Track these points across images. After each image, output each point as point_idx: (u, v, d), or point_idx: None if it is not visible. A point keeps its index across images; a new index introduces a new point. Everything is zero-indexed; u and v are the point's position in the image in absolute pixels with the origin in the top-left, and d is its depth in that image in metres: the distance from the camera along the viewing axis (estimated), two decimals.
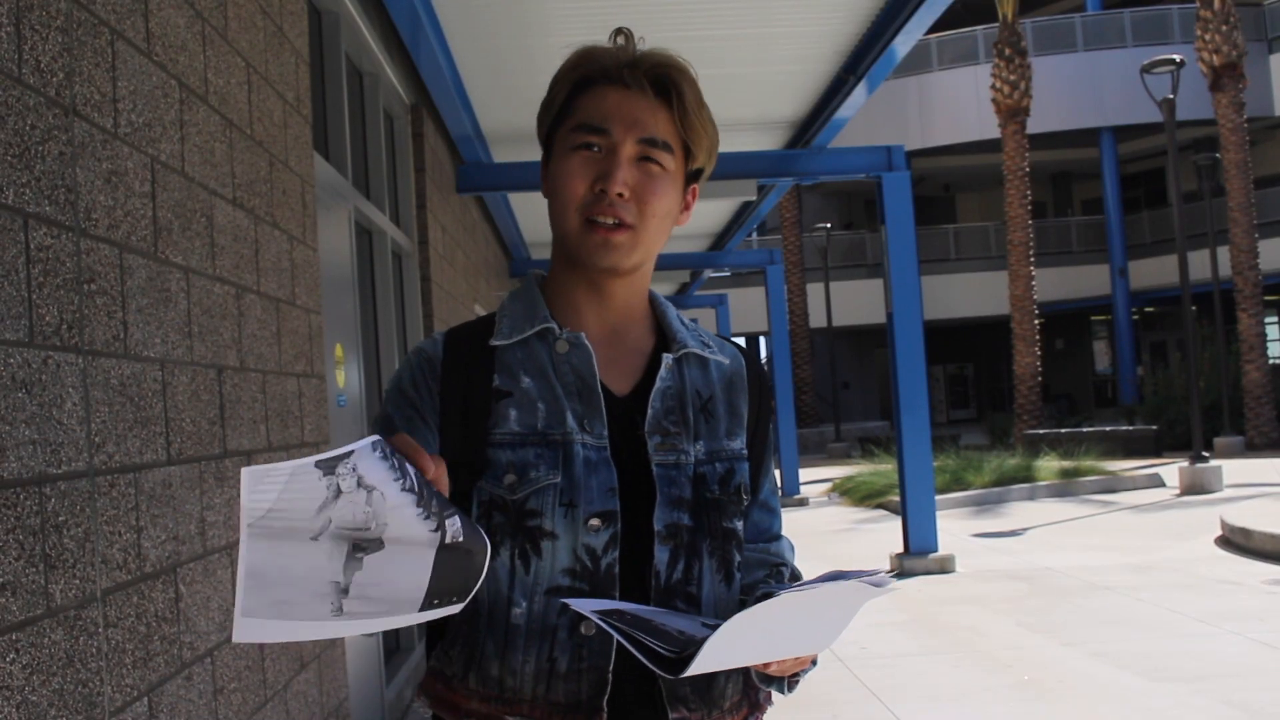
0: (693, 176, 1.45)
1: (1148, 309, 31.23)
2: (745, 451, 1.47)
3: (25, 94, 1.74)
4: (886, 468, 14.90)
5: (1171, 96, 13.93)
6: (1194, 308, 16.20)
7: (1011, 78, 21.76)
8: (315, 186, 3.74)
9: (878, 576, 1.18)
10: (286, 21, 3.45)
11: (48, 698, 1.69)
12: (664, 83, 1.38)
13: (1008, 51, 21.74)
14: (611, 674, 1.33)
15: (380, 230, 5.49)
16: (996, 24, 22.54)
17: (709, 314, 23.12)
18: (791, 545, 1.59)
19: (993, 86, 22.13)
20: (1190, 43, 22.91)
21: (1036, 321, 21.67)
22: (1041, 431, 19.74)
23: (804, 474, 16.94)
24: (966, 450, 17.89)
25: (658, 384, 1.42)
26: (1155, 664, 5.67)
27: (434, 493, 1.09)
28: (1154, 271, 27.56)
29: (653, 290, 1.52)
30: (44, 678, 1.69)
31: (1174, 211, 14.22)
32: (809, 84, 7.57)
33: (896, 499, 12.36)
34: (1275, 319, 29.09)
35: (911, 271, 8.64)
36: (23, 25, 1.75)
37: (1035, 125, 23.64)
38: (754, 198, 10.08)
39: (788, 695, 1.42)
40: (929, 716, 5.04)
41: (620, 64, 1.39)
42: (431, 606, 1.08)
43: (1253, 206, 20.61)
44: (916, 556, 8.81)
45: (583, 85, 1.41)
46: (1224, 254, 21.59)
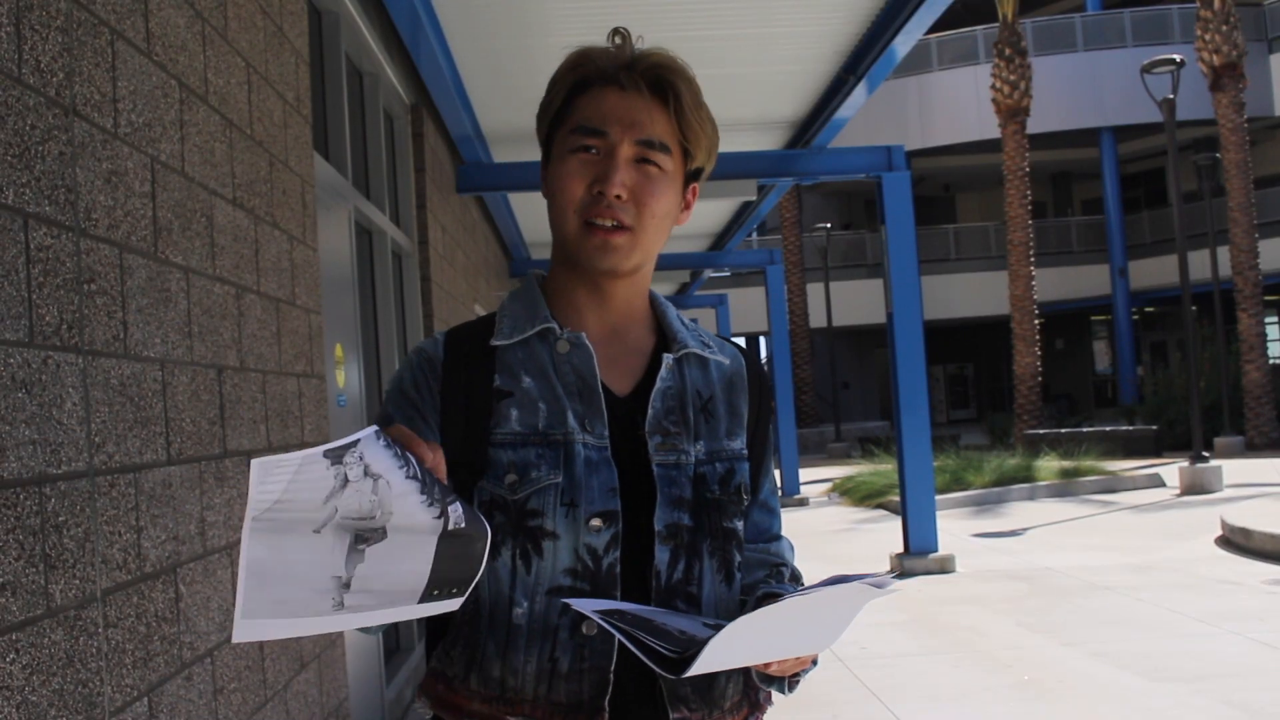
0: (692, 176, 1.45)
1: (1148, 309, 31.24)
2: (745, 451, 1.47)
3: (25, 94, 1.74)
4: (886, 468, 14.89)
5: (1171, 96, 13.93)
6: (1194, 308, 16.19)
7: (1011, 78, 21.76)
8: (315, 186, 3.74)
9: (879, 578, 1.18)
10: (286, 21, 3.45)
11: (48, 698, 1.69)
12: (661, 83, 1.38)
13: (1008, 51, 21.74)
14: (613, 674, 1.33)
15: (380, 230, 5.49)
16: (996, 24, 22.54)
17: (709, 314, 23.12)
18: (791, 545, 1.59)
19: (993, 86, 22.13)
20: (1190, 43, 22.91)
21: (1036, 321, 21.67)
22: (1041, 431, 19.74)
23: (804, 474, 16.94)
24: (966, 450, 17.88)
25: (658, 384, 1.42)
26: (1155, 664, 5.67)
27: (435, 480, 1.09)
28: (1154, 271, 27.57)
29: (653, 290, 1.52)
30: (44, 678, 1.68)
31: (1174, 211, 14.22)
32: (809, 84, 7.57)
33: (896, 499, 12.36)
34: (1275, 319, 29.09)
35: (911, 271, 8.64)
36: (23, 25, 1.75)
37: (1035, 125, 23.64)
38: (754, 198, 10.08)
39: (788, 695, 1.42)
40: (929, 716, 5.04)
41: (617, 65, 1.39)
42: (432, 598, 1.08)
43: (1253, 206, 20.61)
44: (916, 556, 8.81)
45: (580, 87, 1.41)
46: (1224, 254, 21.59)
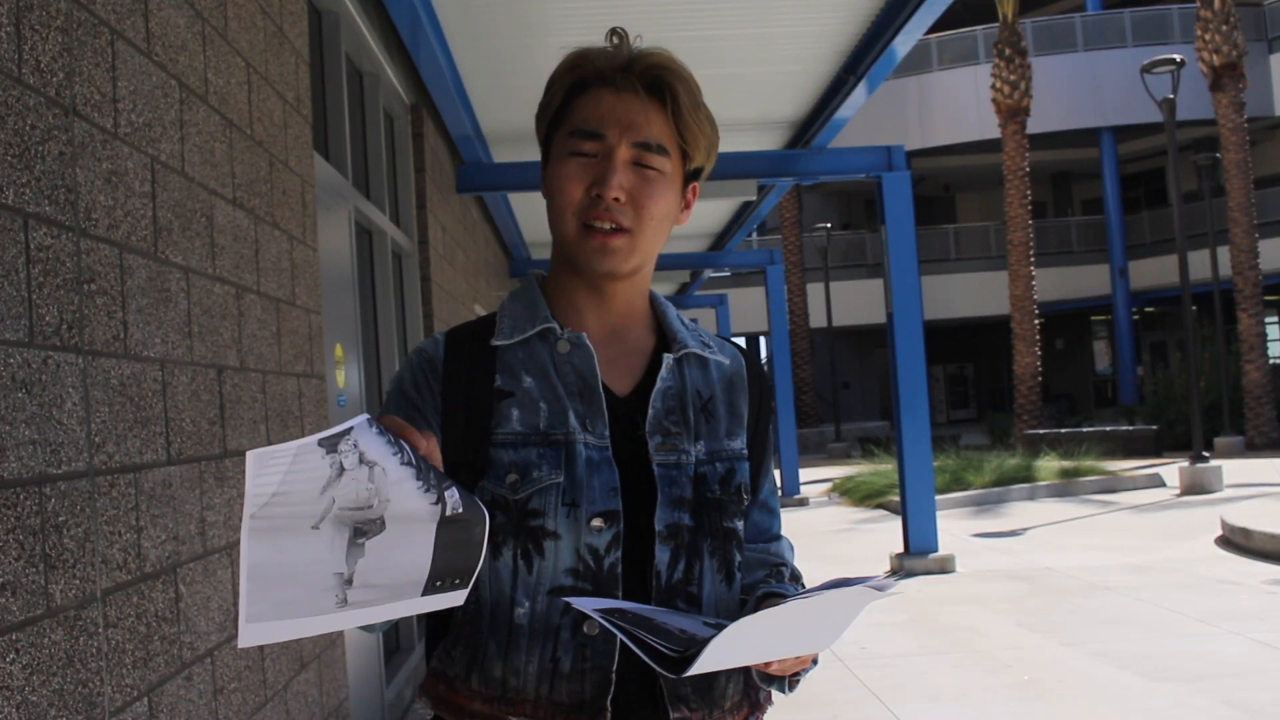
0: (692, 175, 1.45)
1: (1148, 309, 31.25)
2: (745, 451, 1.47)
3: (25, 94, 1.74)
4: (886, 468, 14.89)
5: (1171, 96, 13.93)
6: (1194, 308, 16.19)
7: (1011, 78, 21.76)
8: (315, 186, 3.74)
9: (881, 581, 1.18)
10: (286, 21, 3.45)
11: (48, 698, 1.69)
12: (658, 84, 1.38)
13: (1008, 51, 21.74)
14: (615, 674, 1.33)
15: (380, 230, 5.49)
16: (996, 24, 22.54)
17: (709, 314, 23.12)
18: (791, 545, 1.59)
19: (993, 86, 22.13)
20: (1190, 43, 22.91)
21: (1036, 321, 21.67)
22: (1041, 431, 19.74)
23: (804, 474, 16.93)
24: (966, 450, 17.88)
25: (658, 384, 1.42)
26: (1155, 664, 5.67)
27: (430, 466, 1.09)
28: (1154, 271, 27.57)
29: (653, 290, 1.52)
30: (44, 678, 1.68)
31: (1174, 211, 14.22)
32: (809, 84, 7.57)
33: (896, 499, 12.35)
34: (1275, 319, 29.09)
35: (911, 271, 8.64)
36: (23, 25, 1.75)
37: (1035, 125, 23.64)
38: (754, 198, 10.09)
39: (789, 694, 1.42)
40: (929, 716, 5.04)
41: (615, 67, 1.39)
42: (435, 590, 1.08)
43: (1253, 206, 20.61)
44: (916, 556, 8.81)
45: (578, 88, 1.41)
46: (1224, 254, 21.59)
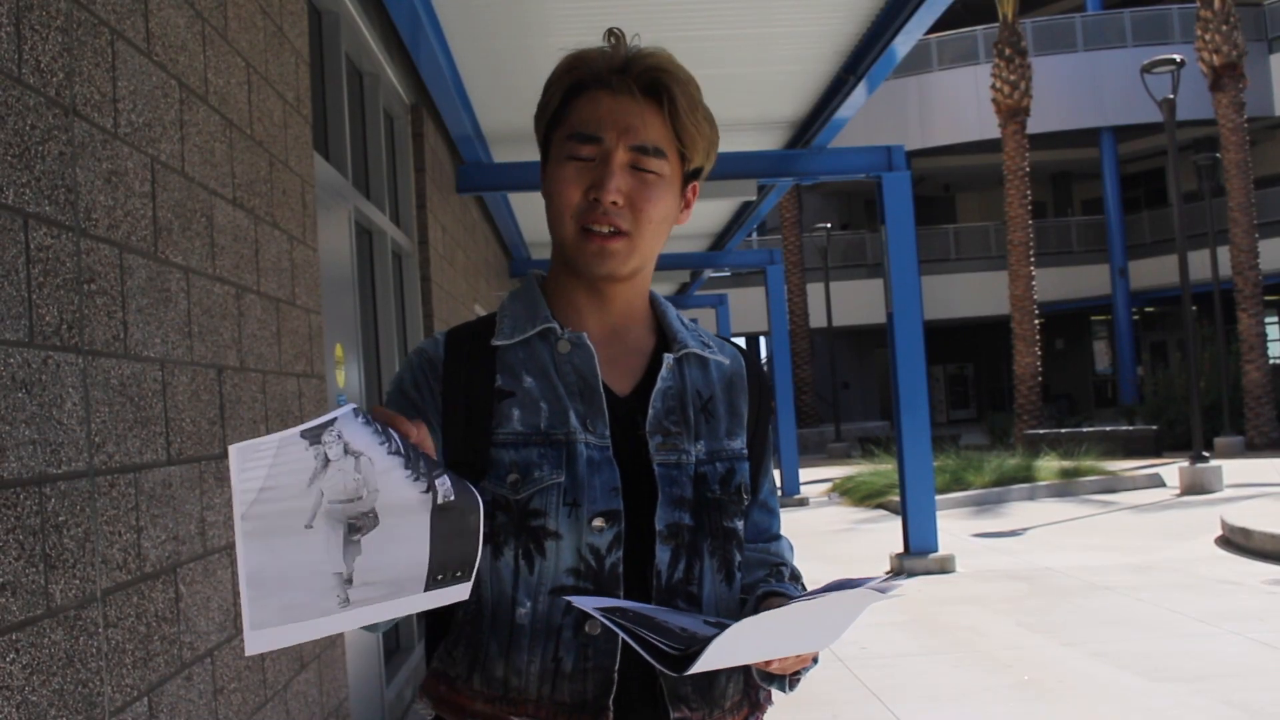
0: (692, 175, 1.45)
1: (1148, 309, 31.25)
2: (745, 451, 1.47)
3: (25, 94, 1.74)
4: (886, 468, 14.89)
5: (1171, 96, 13.93)
6: (1194, 308, 16.19)
7: (1011, 78, 21.76)
8: (315, 186, 3.74)
9: (883, 583, 1.18)
10: (286, 21, 3.45)
11: (48, 698, 1.69)
12: (655, 87, 1.38)
13: (1008, 51, 21.74)
14: (617, 673, 1.33)
15: (380, 230, 5.49)
16: (996, 24, 22.54)
17: (709, 314, 23.12)
18: (790, 545, 1.59)
19: (993, 86, 22.13)
20: (1190, 43, 22.91)
21: (1036, 321, 21.67)
22: (1041, 431, 19.74)
23: (804, 474, 16.93)
24: (966, 450, 17.88)
25: (659, 384, 1.42)
26: (1155, 664, 5.67)
27: (420, 454, 1.08)
28: (1154, 271, 27.57)
29: (653, 290, 1.52)
30: (44, 678, 1.68)
31: (1174, 211, 14.22)
32: (809, 84, 7.57)
33: (896, 499, 12.35)
34: (1275, 319, 29.09)
35: (911, 271, 8.64)
36: (23, 25, 1.75)
37: (1035, 125, 23.64)
38: (754, 198, 10.09)
39: (789, 693, 1.42)
40: (929, 716, 5.04)
41: (611, 69, 1.38)
42: (437, 584, 1.07)
43: (1253, 206, 20.61)
44: (916, 556, 8.81)
45: (575, 90, 1.40)
46: (1224, 254, 21.59)
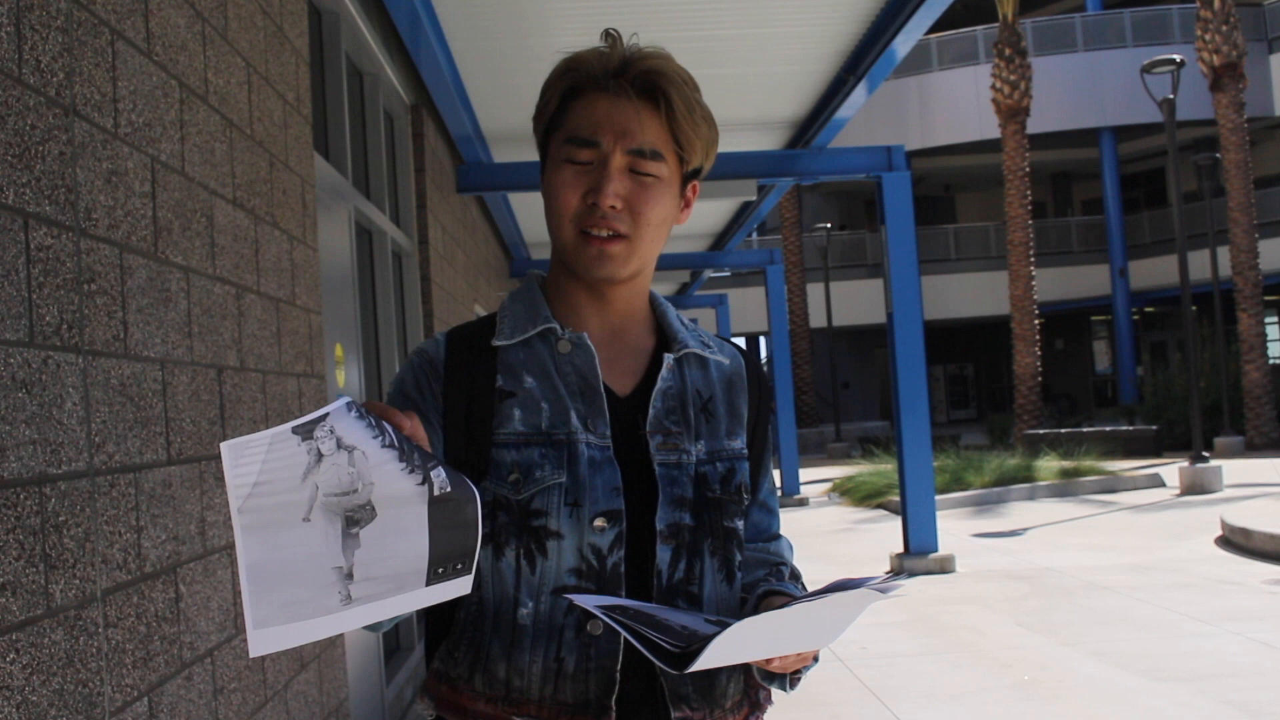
0: (691, 175, 1.45)
1: (1148, 309, 31.24)
2: (745, 451, 1.47)
3: (25, 94, 1.74)
4: (886, 468, 14.89)
5: (1171, 96, 13.93)
6: (1194, 308, 16.19)
7: (1011, 78, 21.77)
8: (315, 186, 3.74)
9: (885, 583, 1.18)
10: (286, 21, 3.45)
11: (48, 698, 1.69)
12: (652, 89, 1.37)
13: (1008, 51, 21.75)
14: (619, 673, 1.33)
15: (380, 230, 5.49)
16: (996, 24, 22.55)
17: (709, 314, 23.12)
18: (790, 544, 1.59)
19: (993, 86, 22.13)
20: (1190, 43, 22.91)
21: (1036, 321, 21.67)
22: (1041, 431, 19.73)
23: (804, 474, 16.93)
24: (966, 450, 17.89)
25: (659, 384, 1.42)
26: (1155, 664, 5.67)
27: (414, 446, 1.08)
28: (1154, 271, 27.57)
29: (653, 290, 1.52)
30: (44, 678, 1.68)
31: (1174, 211, 14.22)
32: (809, 84, 7.57)
33: (896, 499, 12.36)
34: (1275, 319, 29.09)
35: (911, 271, 8.64)
36: (23, 25, 1.75)
37: (1035, 125, 23.64)
38: (754, 198, 10.08)
39: (790, 693, 1.42)
40: (928, 716, 5.04)
41: (607, 72, 1.38)
42: (438, 578, 1.07)
43: (1253, 206, 20.61)
44: (916, 556, 8.81)
45: (572, 93, 1.40)
46: (1224, 254, 21.59)
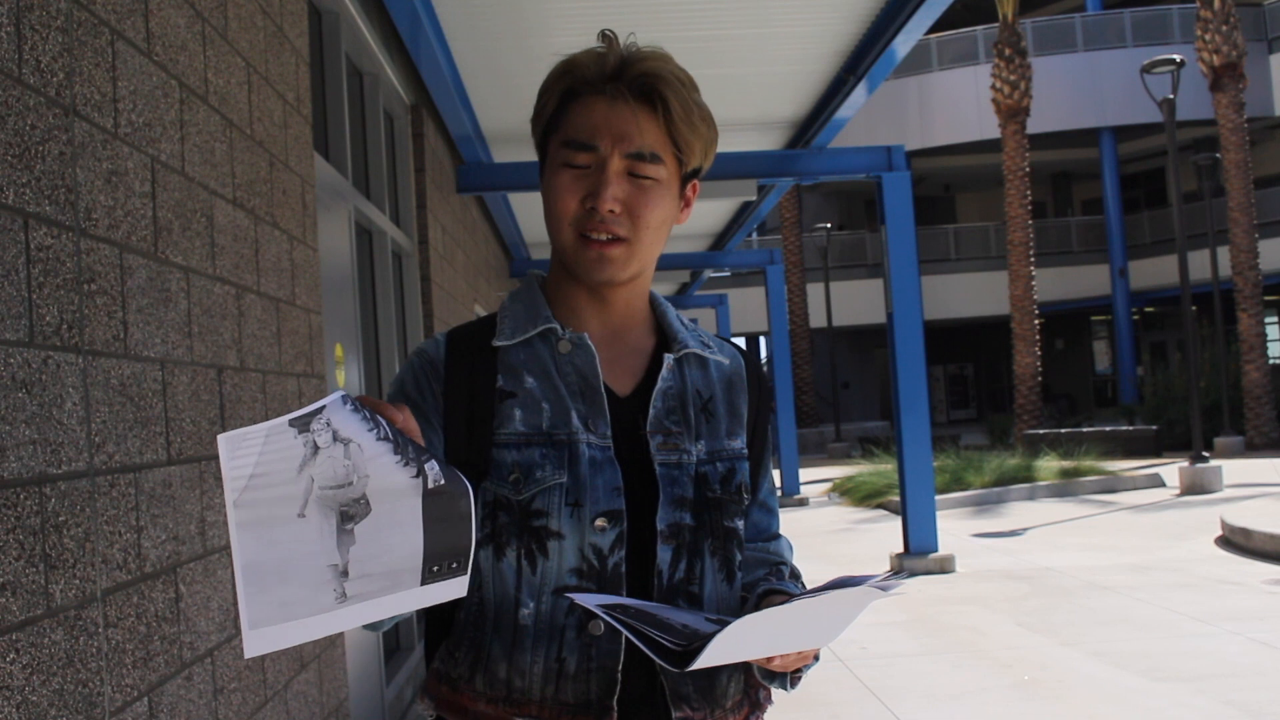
0: (691, 174, 1.45)
1: (1148, 309, 31.24)
2: (745, 451, 1.47)
3: (25, 94, 1.74)
4: (886, 468, 14.89)
5: (1171, 96, 13.93)
6: (1194, 308, 16.19)
7: (1011, 78, 21.77)
8: (315, 186, 3.74)
9: (885, 580, 1.18)
10: (286, 21, 3.45)
11: (48, 698, 1.69)
12: (649, 92, 1.37)
13: (1008, 51, 21.75)
14: (620, 673, 1.33)
15: (380, 230, 5.49)
16: (996, 24, 22.55)
17: (709, 314, 23.12)
18: (790, 544, 1.59)
19: (993, 86, 22.14)
20: (1190, 43, 22.91)
21: (1036, 321, 21.67)
22: (1041, 431, 19.74)
23: (804, 474, 16.93)
24: (966, 450, 17.89)
25: (659, 384, 1.42)
26: (1155, 664, 5.67)
27: (407, 440, 1.08)
28: (1154, 271, 27.57)
29: (653, 291, 1.52)
30: (44, 678, 1.68)
31: (1174, 211, 14.22)
32: (809, 84, 7.57)
33: (896, 499, 12.36)
34: (1275, 319, 29.09)
35: (911, 271, 8.64)
36: (23, 25, 1.75)
37: (1035, 125, 23.64)
38: (754, 198, 10.08)
39: (791, 691, 1.42)
40: (928, 716, 5.04)
41: (604, 75, 1.38)
42: (433, 576, 1.07)
43: (1253, 206, 20.61)
44: (916, 556, 8.81)
45: (570, 96, 1.40)
46: (1224, 254, 21.59)
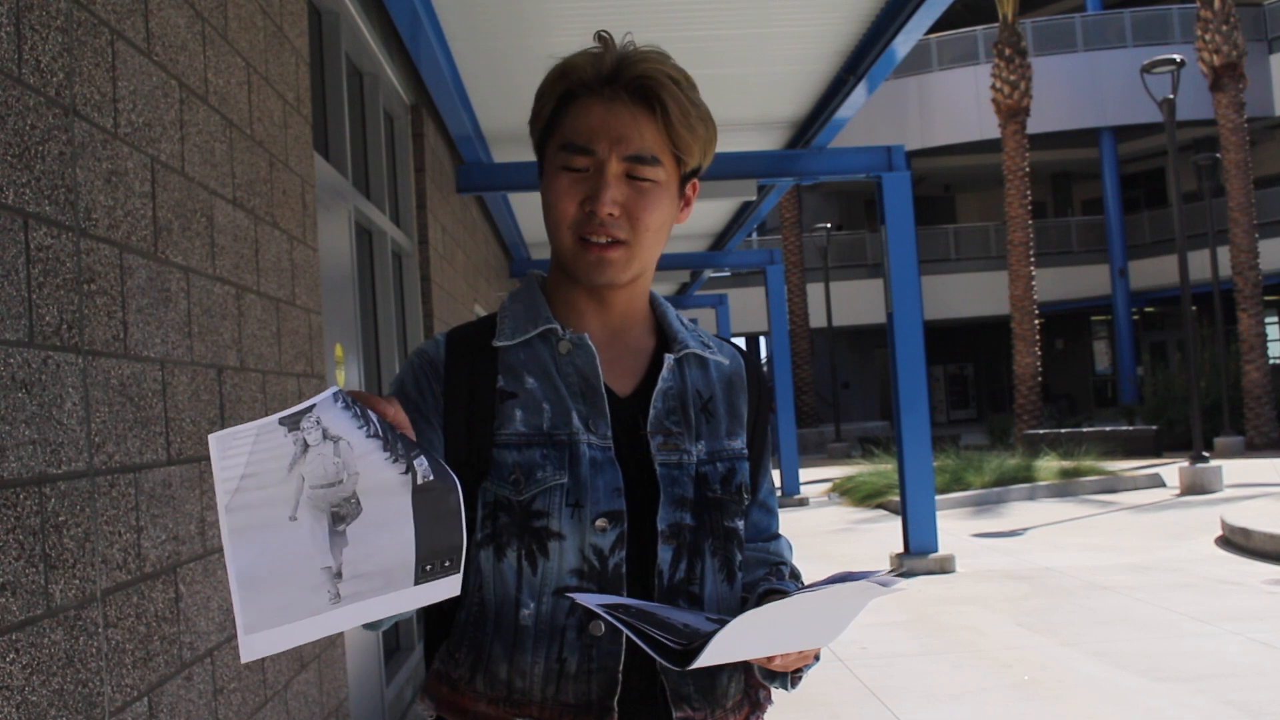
0: (690, 174, 1.44)
1: (1148, 309, 31.24)
2: (746, 451, 1.47)
3: (25, 94, 1.74)
4: (886, 468, 14.89)
5: (1171, 96, 13.93)
6: (1194, 308, 16.19)
7: (1011, 78, 21.76)
8: (315, 186, 3.74)
9: (885, 577, 1.18)
10: (286, 21, 3.45)
11: (48, 698, 1.69)
12: (646, 94, 1.36)
13: (1008, 51, 21.75)
14: (621, 674, 1.33)
15: (380, 230, 5.49)
16: (996, 24, 22.54)
17: (709, 314, 23.11)
18: (789, 544, 1.59)
19: (993, 86, 22.13)
20: (1190, 43, 22.91)
21: (1036, 321, 21.67)
22: (1041, 431, 19.73)
23: (804, 474, 16.93)
24: (966, 450, 17.88)
25: (660, 384, 1.41)
26: (1155, 664, 5.67)
27: (398, 435, 1.09)
28: (1154, 271, 27.57)
29: (653, 291, 1.52)
30: (44, 678, 1.68)
31: (1174, 211, 14.22)
32: (809, 84, 7.57)
33: (896, 499, 12.36)
34: (1275, 319, 29.09)
35: (911, 271, 8.64)
36: (23, 25, 1.75)
37: (1035, 125, 23.64)
38: (754, 198, 10.08)
39: (791, 691, 1.42)
40: (928, 716, 5.04)
41: (601, 77, 1.37)
42: (426, 575, 1.07)
43: (1253, 206, 20.61)
44: (916, 556, 8.81)
45: (567, 99, 1.39)
46: (1224, 254, 21.58)
